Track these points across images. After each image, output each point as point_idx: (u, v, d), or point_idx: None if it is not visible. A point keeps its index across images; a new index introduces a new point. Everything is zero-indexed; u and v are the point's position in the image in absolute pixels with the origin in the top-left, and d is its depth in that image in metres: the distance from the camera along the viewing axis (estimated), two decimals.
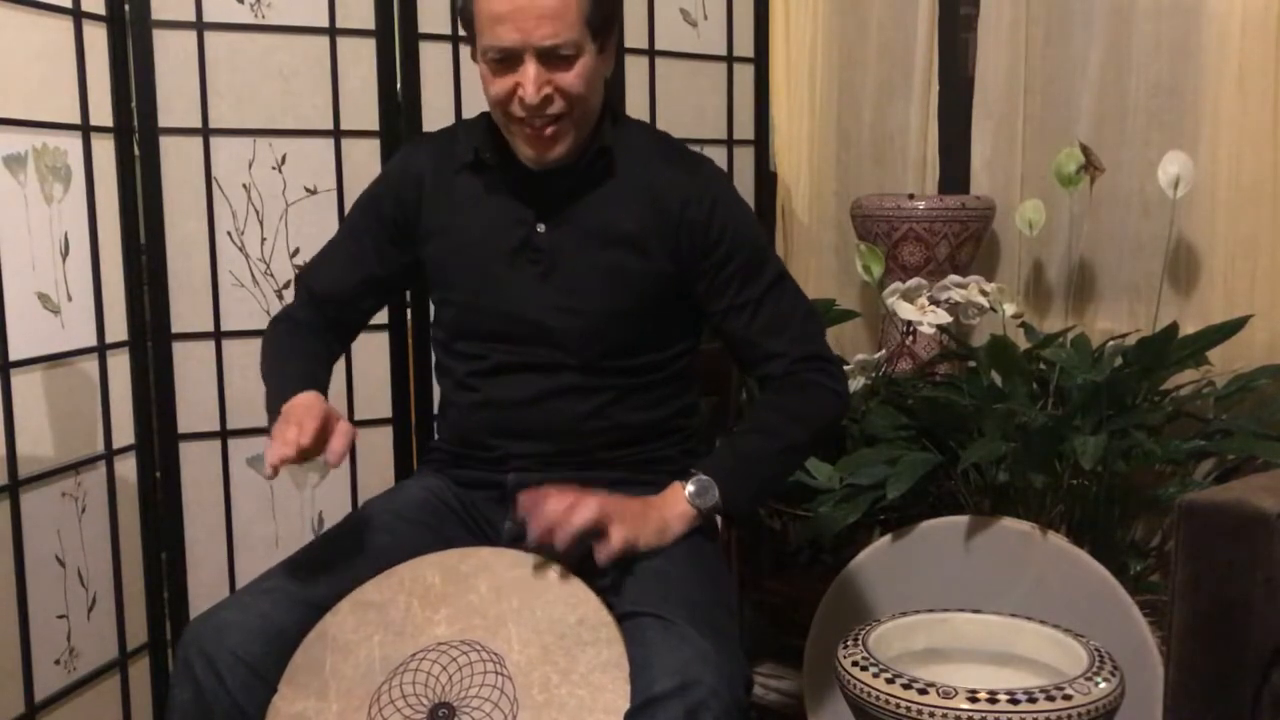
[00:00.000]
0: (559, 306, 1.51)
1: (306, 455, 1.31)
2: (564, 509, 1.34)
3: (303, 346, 1.57)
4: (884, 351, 2.32)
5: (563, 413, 1.52)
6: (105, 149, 1.94)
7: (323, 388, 1.49)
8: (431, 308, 1.67)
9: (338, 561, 1.42)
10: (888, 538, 2.00)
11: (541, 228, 1.51)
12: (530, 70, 1.39)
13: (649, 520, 1.40)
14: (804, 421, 1.51)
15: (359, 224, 1.61)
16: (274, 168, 2.07)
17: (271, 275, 2.09)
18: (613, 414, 1.53)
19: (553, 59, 1.40)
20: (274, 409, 1.44)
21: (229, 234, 2.06)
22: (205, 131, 2.02)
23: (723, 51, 2.60)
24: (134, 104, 1.97)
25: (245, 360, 2.09)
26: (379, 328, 2.12)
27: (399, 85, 2.14)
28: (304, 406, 1.37)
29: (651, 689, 1.21)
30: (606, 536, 1.35)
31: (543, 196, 1.51)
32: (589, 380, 1.52)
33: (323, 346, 1.60)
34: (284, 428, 1.33)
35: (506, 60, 1.41)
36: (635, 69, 2.41)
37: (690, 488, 1.43)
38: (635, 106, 2.40)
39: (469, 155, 1.54)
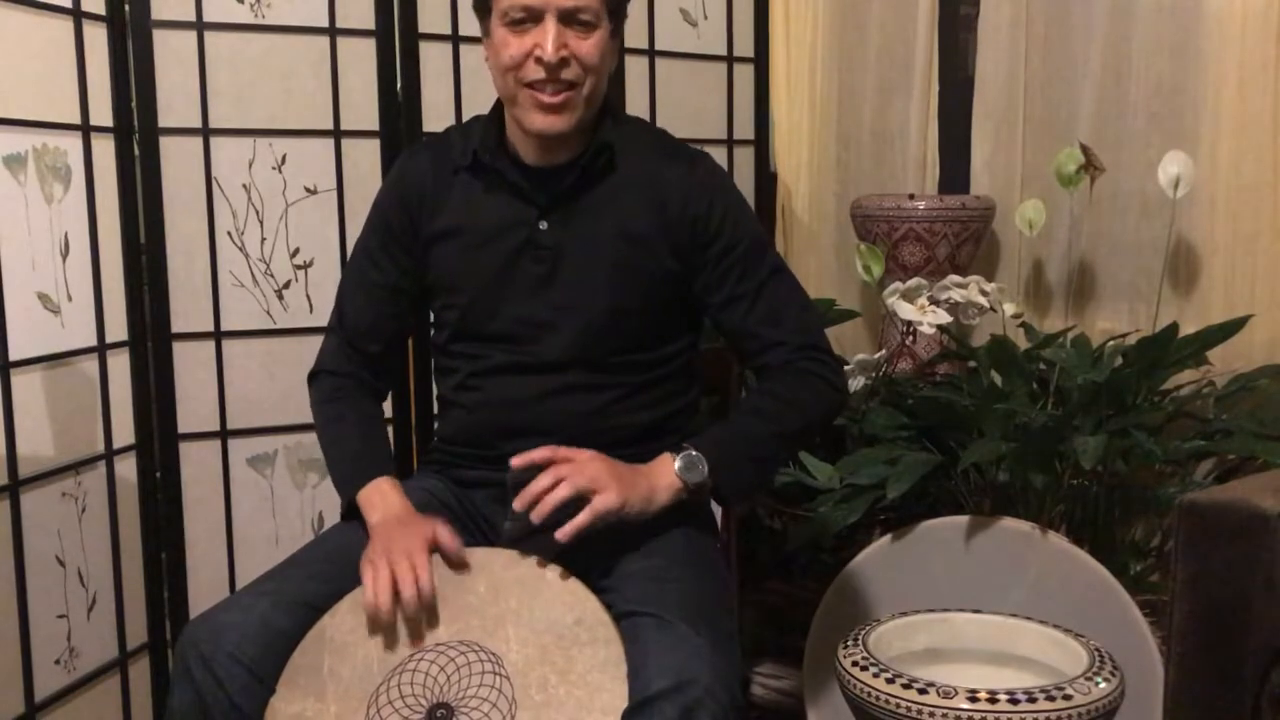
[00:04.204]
0: (563, 305, 1.51)
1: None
2: (547, 484, 1.35)
3: (353, 409, 1.59)
4: (884, 351, 2.32)
5: (566, 411, 1.52)
6: (105, 149, 1.95)
7: (389, 463, 1.54)
8: (431, 314, 1.67)
9: (336, 562, 1.42)
10: (888, 538, 2.00)
11: (544, 225, 1.51)
12: (550, 28, 1.42)
13: (637, 487, 1.39)
14: (798, 409, 1.51)
15: (369, 242, 1.61)
16: (274, 168, 2.08)
17: (271, 275, 2.10)
18: (616, 412, 1.53)
19: (572, 23, 1.43)
20: (345, 493, 1.51)
21: (229, 234, 2.06)
22: (205, 131, 2.02)
23: (723, 51, 2.60)
24: (134, 104, 1.97)
25: (245, 360, 2.09)
26: None
27: (399, 85, 2.14)
28: (404, 534, 1.38)
29: (648, 688, 1.21)
30: (589, 504, 1.35)
31: (543, 195, 1.51)
32: (593, 378, 1.52)
33: (372, 401, 1.62)
34: (399, 568, 1.34)
35: (526, 21, 1.43)
36: (635, 69, 2.41)
37: (679, 462, 1.43)
38: (635, 106, 2.40)
39: (467, 157, 1.54)
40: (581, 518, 1.34)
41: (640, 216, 1.51)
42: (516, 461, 1.38)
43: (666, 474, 1.43)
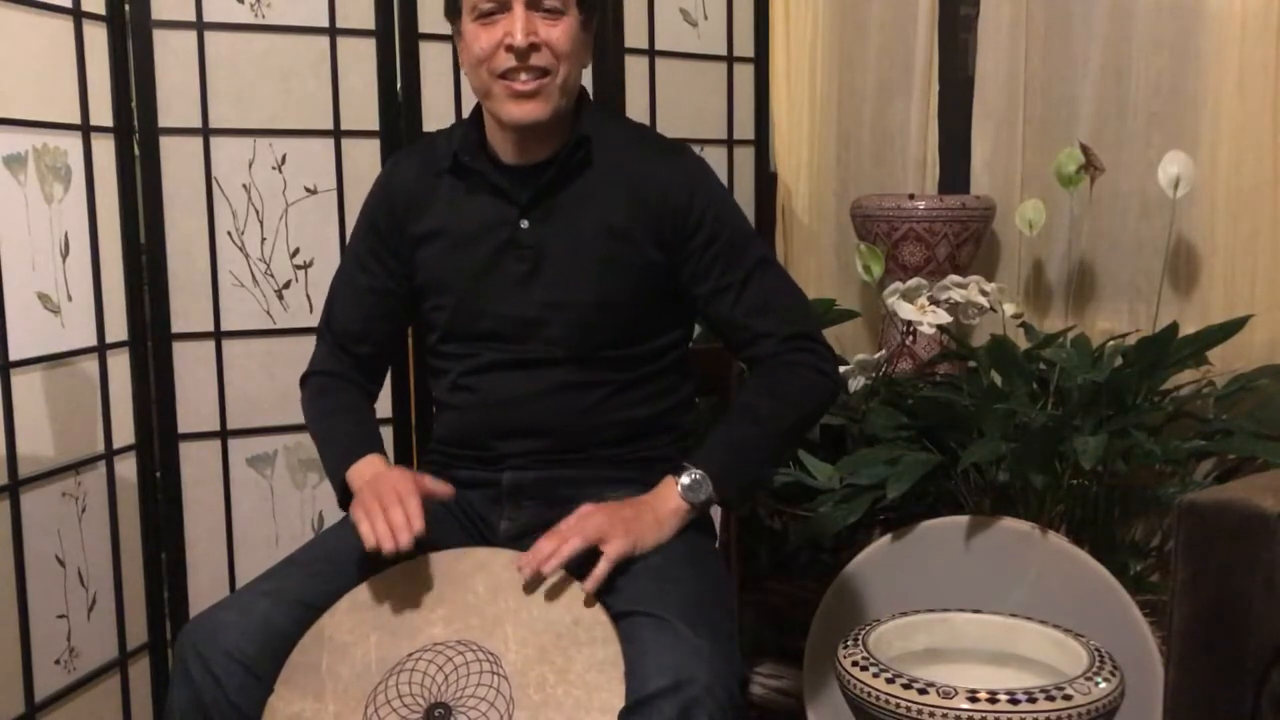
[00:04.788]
0: (548, 302, 1.51)
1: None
2: (553, 546, 1.35)
3: (344, 401, 1.60)
4: (884, 351, 2.32)
5: (559, 409, 1.52)
6: (105, 149, 1.95)
7: (380, 444, 1.54)
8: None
9: (335, 562, 1.42)
10: (888, 538, 2.00)
11: (525, 224, 1.52)
12: (519, 14, 1.43)
13: (642, 523, 1.40)
14: (793, 404, 1.51)
15: (359, 248, 1.62)
16: (274, 168, 2.08)
17: (271, 275, 2.10)
18: (609, 409, 1.53)
19: (540, 9, 1.44)
20: (337, 474, 1.51)
21: (229, 234, 2.06)
22: (205, 131, 2.02)
23: (723, 51, 2.60)
24: (134, 104, 1.97)
25: (245, 360, 2.09)
26: None
27: (399, 85, 2.14)
28: (394, 483, 1.39)
29: (646, 688, 1.21)
30: (603, 554, 1.36)
31: (523, 193, 1.51)
32: (583, 375, 1.52)
33: (362, 396, 1.63)
34: (390, 510, 1.35)
35: (495, 11, 1.44)
36: (635, 69, 2.41)
37: (684, 481, 1.44)
38: (635, 106, 2.40)
39: (448, 160, 1.54)
40: (600, 569, 1.35)
41: (621, 210, 1.50)
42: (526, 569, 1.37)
43: (671, 499, 1.44)
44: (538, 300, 1.51)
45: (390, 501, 1.37)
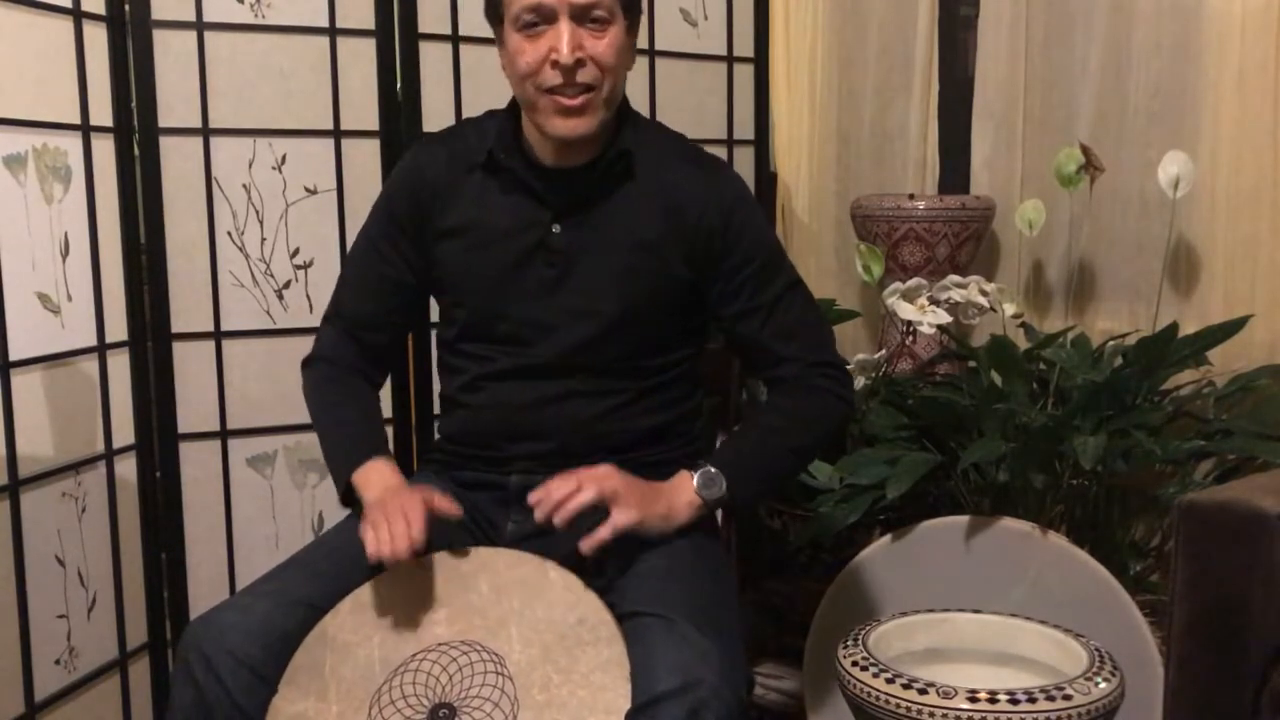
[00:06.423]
0: (573, 309, 1.50)
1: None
2: (569, 490, 1.35)
3: (349, 392, 1.59)
4: (884, 351, 2.32)
5: (572, 416, 1.52)
6: (105, 149, 1.94)
7: (385, 444, 1.54)
8: (435, 309, 1.67)
9: (338, 562, 1.42)
10: (888, 538, 2.00)
11: (557, 229, 1.50)
12: (565, 28, 1.41)
13: (656, 505, 1.41)
14: (811, 425, 1.53)
15: (373, 231, 1.59)
16: (274, 168, 2.08)
17: (271, 275, 2.10)
18: (621, 417, 1.53)
19: (586, 21, 1.42)
20: (341, 474, 1.51)
21: (229, 234, 2.06)
22: (205, 131, 2.02)
23: (723, 51, 2.60)
24: (134, 104, 1.97)
25: (245, 360, 2.09)
26: None
27: (399, 85, 2.14)
28: (402, 502, 1.39)
29: (653, 689, 1.21)
30: (610, 516, 1.36)
31: (558, 197, 1.50)
32: (599, 384, 1.52)
33: (367, 387, 1.61)
34: (394, 523, 1.35)
35: (540, 23, 1.41)
36: (635, 69, 2.39)
37: (698, 479, 1.45)
38: (635, 106, 2.37)
39: (481, 155, 1.52)
40: (602, 532, 1.35)
41: (655, 223, 1.49)
42: (536, 504, 1.38)
43: (686, 491, 1.44)
44: (561, 307, 1.50)
45: (395, 516, 1.37)
